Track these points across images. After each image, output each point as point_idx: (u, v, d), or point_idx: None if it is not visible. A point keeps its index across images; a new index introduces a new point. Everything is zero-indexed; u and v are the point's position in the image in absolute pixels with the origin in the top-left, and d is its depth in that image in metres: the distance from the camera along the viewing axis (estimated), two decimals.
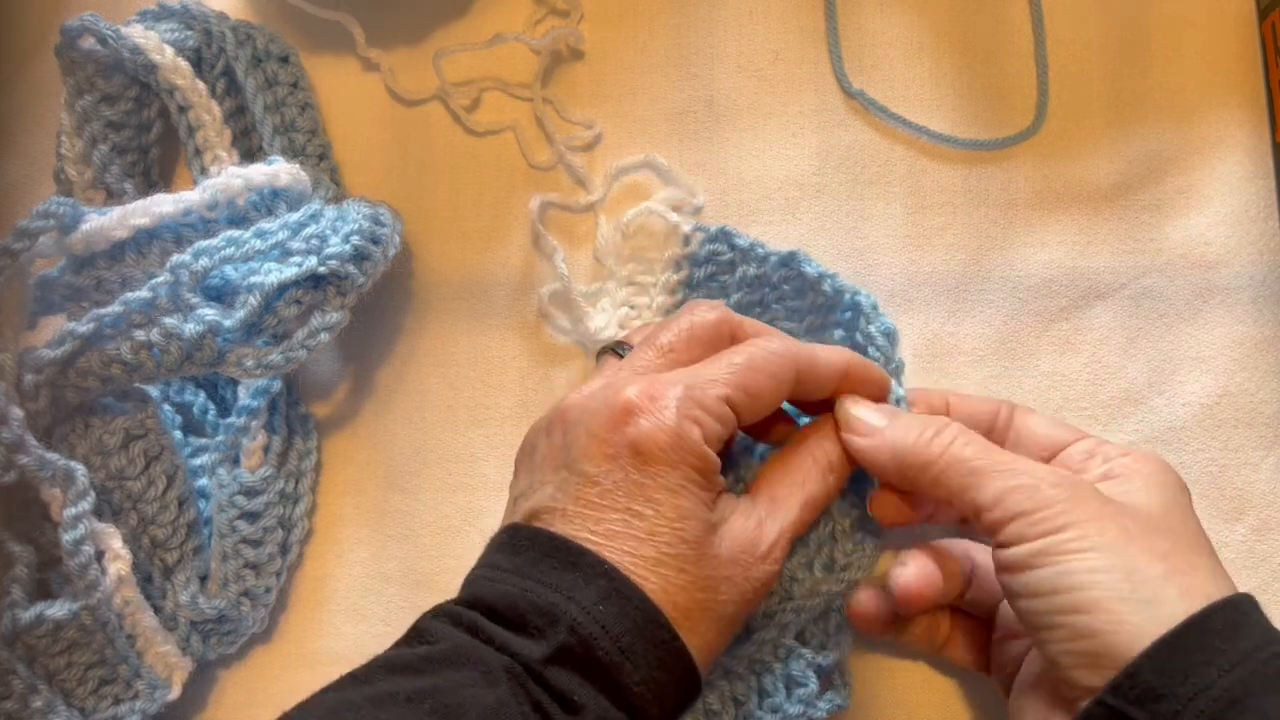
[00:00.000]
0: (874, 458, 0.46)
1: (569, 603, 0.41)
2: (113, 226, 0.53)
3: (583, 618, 0.40)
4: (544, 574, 0.42)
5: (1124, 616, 0.40)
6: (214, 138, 0.57)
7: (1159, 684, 0.39)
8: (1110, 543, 0.41)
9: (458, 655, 0.40)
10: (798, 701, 0.48)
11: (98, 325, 0.51)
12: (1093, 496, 0.43)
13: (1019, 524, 0.43)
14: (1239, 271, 0.55)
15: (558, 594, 0.41)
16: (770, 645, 0.49)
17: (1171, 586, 0.41)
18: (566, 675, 0.40)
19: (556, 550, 0.42)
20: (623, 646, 0.41)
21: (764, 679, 0.49)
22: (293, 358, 0.51)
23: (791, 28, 0.59)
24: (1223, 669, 0.39)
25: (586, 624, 0.40)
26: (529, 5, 0.60)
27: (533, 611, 0.41)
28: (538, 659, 0.40)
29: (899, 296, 0.56)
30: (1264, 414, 0.54)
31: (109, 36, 0.54)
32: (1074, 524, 0.42)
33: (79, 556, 0.50)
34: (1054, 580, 0.41)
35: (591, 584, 0.41)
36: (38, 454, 0.50)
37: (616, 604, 0.41)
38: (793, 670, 0.49)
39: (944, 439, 0.45)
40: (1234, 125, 0.56)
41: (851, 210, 0.57)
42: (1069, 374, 0.55)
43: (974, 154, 0.57)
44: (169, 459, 0.53)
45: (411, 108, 0.59)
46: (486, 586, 0.42)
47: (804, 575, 0.48)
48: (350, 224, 0.52)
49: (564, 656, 0.40)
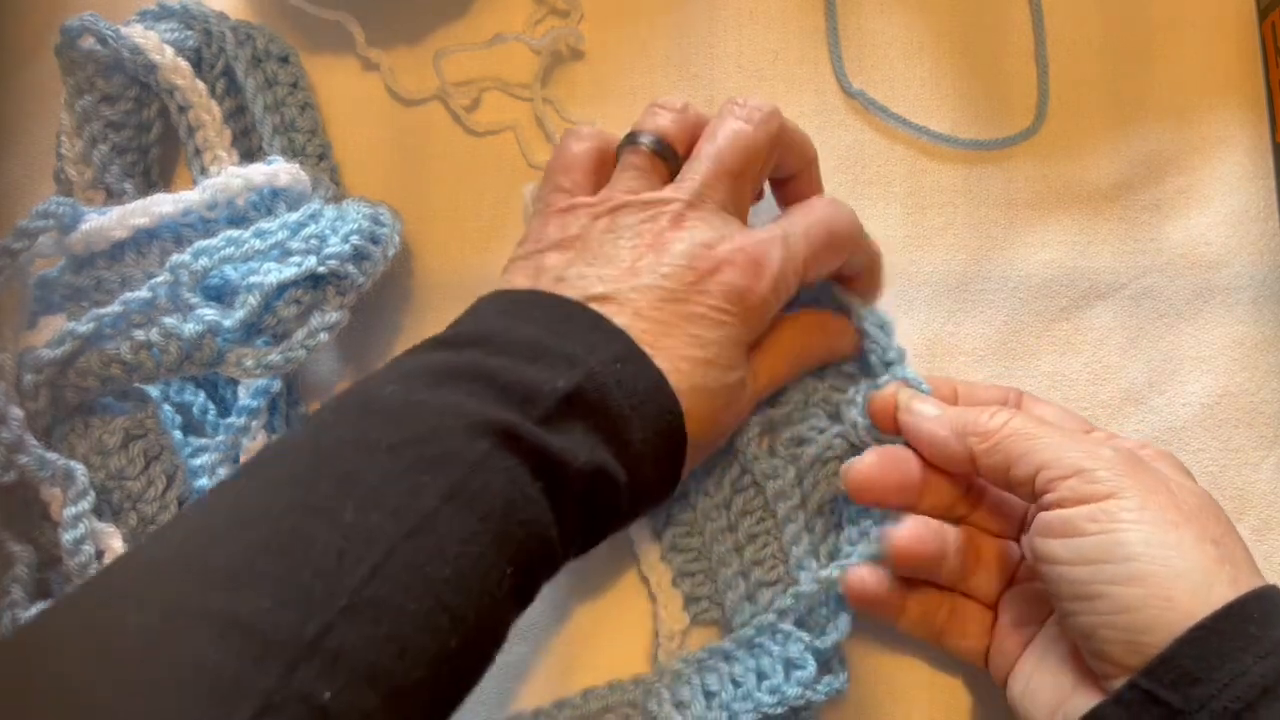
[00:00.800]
0: (935, 431, 0.48)
1: (589, 354, 0.42)
2: (112, 226, 0.53)
3: (600, 367, 0.42)
4: (567, 329, 0.43)
5: (1174, 595, 0.40)
6: (214, 138, 0.57)
7: (1196, 669, 0.39)
8: (1168, 519, 0.41)
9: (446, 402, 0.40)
10: (796, 684, 0.48)
11: (97, 325, 0.51)
12: (1150, 470, 0.43)
13: (1075, 481, 0.42)
14: (1239, 271, 0.55)
15: (579, 346, 0.42)
16: (769, 629, 0.49)
17: (1223, 571, 0.40)
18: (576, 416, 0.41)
19: (584, 316, 0.44)
20: (634, 404, 0.43)
21: (762, 661, 0.49)
22: (292, 358, 0.51)
23: (791, 28, 0.59)
24: (1258, 655, 0.39)
25: (603, 373, 0.42)
26: (529, 5, 0.60)
27: (553, 353, 0.42)
28: (549, 396, 0.41)
29: (899, 297, 0.56)
30: (1264, 414, 0.54)
31: (109, 36, 0.54)
32: (1131, 492, 0.42)
33: (79, 556, 0.50)
34: (1106, 548, 0.41)
35: (613, 343, 0.43)
36: (37, 454, 0.50)
37: (634, 366, 0.43)
38: (791, 653, 0.49)
39: (1003, 416, 0.46)
40: (1234, 125, 0.56)
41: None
42: (1069, 374, 0.55)
43: (974, 154, 0.57)
44: (169, 459, 0.53)
45: (411, 108, 0.59)
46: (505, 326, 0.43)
47: (809, 562, 0.49)
48: (350, 224, 0.52)
49: (575, 399, 0.41)
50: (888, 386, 0.50)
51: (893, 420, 0.49)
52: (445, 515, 0.38)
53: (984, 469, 0.46)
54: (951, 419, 0.47)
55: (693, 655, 0.50)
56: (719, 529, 0.52)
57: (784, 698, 0.48)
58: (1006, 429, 0.46)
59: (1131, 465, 0.43)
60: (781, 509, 0.51)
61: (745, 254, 0.46)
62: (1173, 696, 0.39)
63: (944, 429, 0.47)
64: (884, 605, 0.49)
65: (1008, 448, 0.45)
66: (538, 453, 0.40)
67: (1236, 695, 0.38)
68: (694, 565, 0.52)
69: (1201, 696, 0.38)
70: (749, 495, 0.52)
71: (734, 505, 0.52)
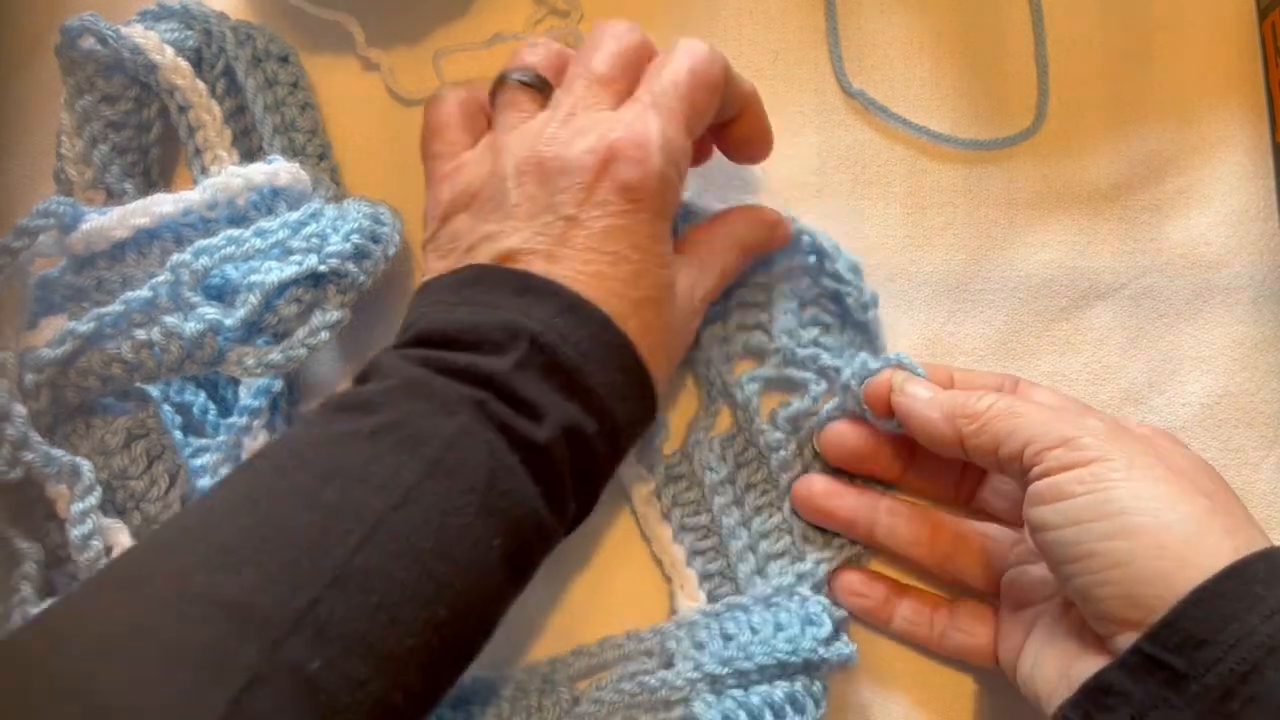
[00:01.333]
0: (925, 413, 0.48)
1: (527, 319, 0.42)
2: (113, 226, 0.53)
3: (542, 328, 0.42)
4: (498, 300, 0.43)
5: (1166, 543, 0.40)
6: (214, 138, 0.57)
7: (1200, 631, 0.38)
8: (1155, 475, 0.41)
9: (412, 388, 0.40)
10: (811, 639, 0.48)
11: (98, 325, 0.51)
12: (1137, 436, 0.44)
13: (1062, 450, 0.43)
14: (1239, 271, 0.55)
15: (514, 314, 0.42)
16: (788, 591, 0.50)
17: (1216, 521, 0.40)
18: (532, 383, 0.41)
19: (509, 280, 0.44)
20: (583, 350, 0.42)
21: (780, 615, 0.50)
22: (293, 356, 0.51)
23: (791, 28, 0.59)
24: (1264, 615, 0.38)
25: (546, 333, 0.42)
26: (529, 5, 0.60)
27: (492, 329, 0.42)
28: (502, 371, 0.41)
29: (899, 297, 0.56)
30: (1264, 414, 0.54)
31: (109, 36, 0.54)
32: (1118, 455, 0.42)
33: (88, 551, 0.50)
34: (1096, 506, 0.41)
35: (545, 301, 0.43)
36: (43, 450, 0.50)
37: (573, 316, 0.43)
38: (810, 610, 0.49)
39: (991, 398, 0.46)
40: (1234, 125, 0.56)
41: (851, 210, 0.57)
42: (1069, 374, 0.55)
43: (974, 154, 0.57)
44: (171, 458, 0.53)
45: (411, 108, 0.59)
46: (440, 318, 0.43)
47: (814, 534, 0.52)
48: (350, 222, 0.52)
49: (527, 365, 0.41)
50: (884, 371, 0.50)
51: (887, 404, 0.50)
52: (428, 488, 0.38)
53: (973, 451, 0.46)
54: (942, 402, 0.48)
55: (710, 608, 0.51)
56: (726, 503, 0.53)
57: (799, 648, 0.48)
58: (993, 410, 0.46)
59: (1118, 432, 0.43)
60: (784, 480, 0.53)
61: (624, 141, 0.45)
62: (1177, 660, 0.38)
63: (935, 411, 0.48)
64: (873, 611, 0.51)
65: (995, 427, 0.45)
66: (508, 428, 0.40)
67: (1242, 657, 0.38)
68: (704, 543, 0.53)
69: (1207, 659, 0.38)
70: (753, 469, 0.53)
71: (739, 479, 0.53)
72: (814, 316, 0.54)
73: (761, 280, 0.55)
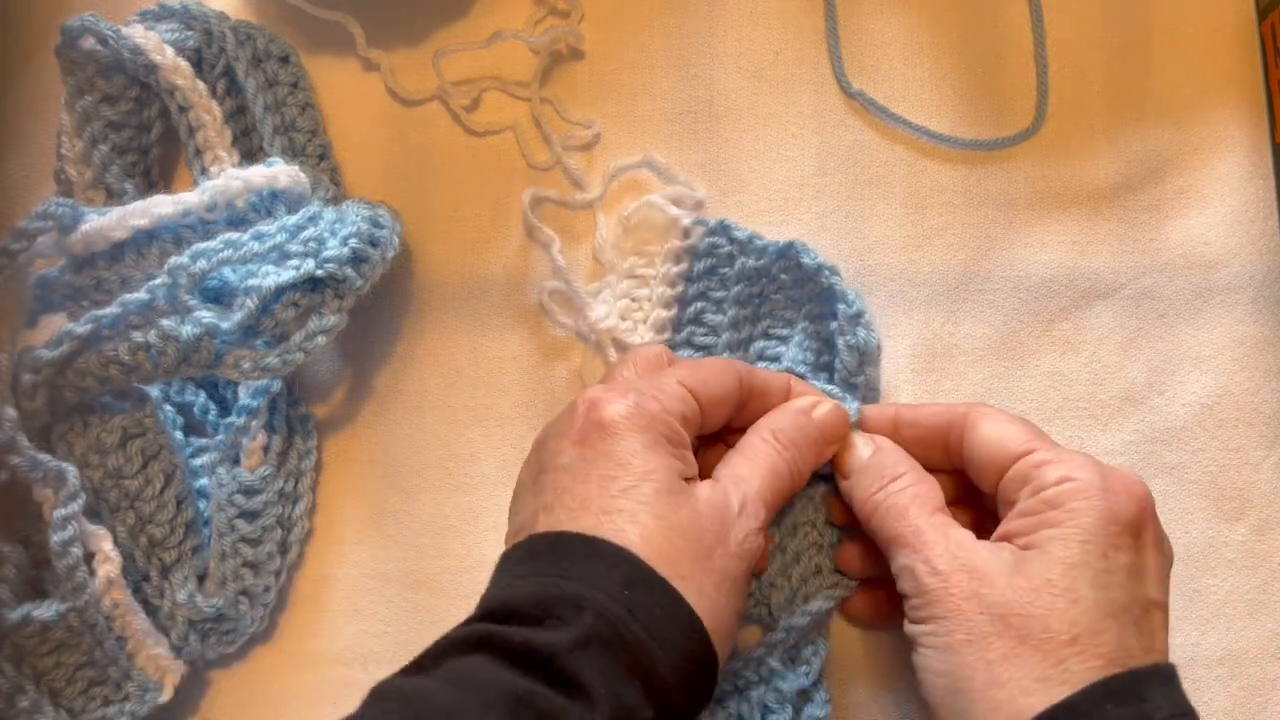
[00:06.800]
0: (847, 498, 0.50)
1: (594, 590, 0.41)
2: (112, 227, 0.53)
3: (608, 601, 0.41)
4: (565, 568, 0.42)
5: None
6: (214, 138, 0.57)
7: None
8: (957, 643, 0.43)
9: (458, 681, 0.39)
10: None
11: (95, 326, 0.51)
12: (967, 585, 0.44)
13: (906, 605, 0.45)
14: (1239, 271, 0.55)
15: (580, 583, 0.41)
16: (755, 663, 0.50)
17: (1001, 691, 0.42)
18: (590, 661, 0.39)
19: (571, 543, 0.43)
20: (653, 631, 0.41)
21: (741, 706, 0.49)
22: (289, 360, 0.51)
23: (791, 28, 0.59)
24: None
25: (612, 607, 0.40)
26: (529, 5, 0.60)
27: (556, 602, 0.41)
28: (562, 647, 0.39)
29: (899, 297, 0.56)
30: (1264, 414, 0.54)
31: (109, 37, 0.54)
32: (936, 618, 0.44)
33: (67, 558, 0.50)
34: (916, 664, 0.45)
35: (614, 570, 0.41)
36: (29, 454, 0.50)
37: (642, 591, 0.41)
38: (769, 700, 0.49)
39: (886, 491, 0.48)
40: (1234, 125, 0.56)
41: (851, 210, 0.57)
42: (1069, 374, 0.55)
43: (974, 154, 0.57)
44: (167, 458, 0.53)
45: (411, 108, 0.59)
46: (506, 591, 0.42)
47: (781, 582, 0.51)
48: (348, 227, 0.52)
49: (590, 640, 0.40)
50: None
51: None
52: None
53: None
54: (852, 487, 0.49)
55: None
56: None
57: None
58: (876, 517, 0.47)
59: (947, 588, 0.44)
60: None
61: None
62: None
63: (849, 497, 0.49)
64: (886, 618, 0.51)
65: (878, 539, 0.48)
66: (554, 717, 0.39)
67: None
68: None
69: None
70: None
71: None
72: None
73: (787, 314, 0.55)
